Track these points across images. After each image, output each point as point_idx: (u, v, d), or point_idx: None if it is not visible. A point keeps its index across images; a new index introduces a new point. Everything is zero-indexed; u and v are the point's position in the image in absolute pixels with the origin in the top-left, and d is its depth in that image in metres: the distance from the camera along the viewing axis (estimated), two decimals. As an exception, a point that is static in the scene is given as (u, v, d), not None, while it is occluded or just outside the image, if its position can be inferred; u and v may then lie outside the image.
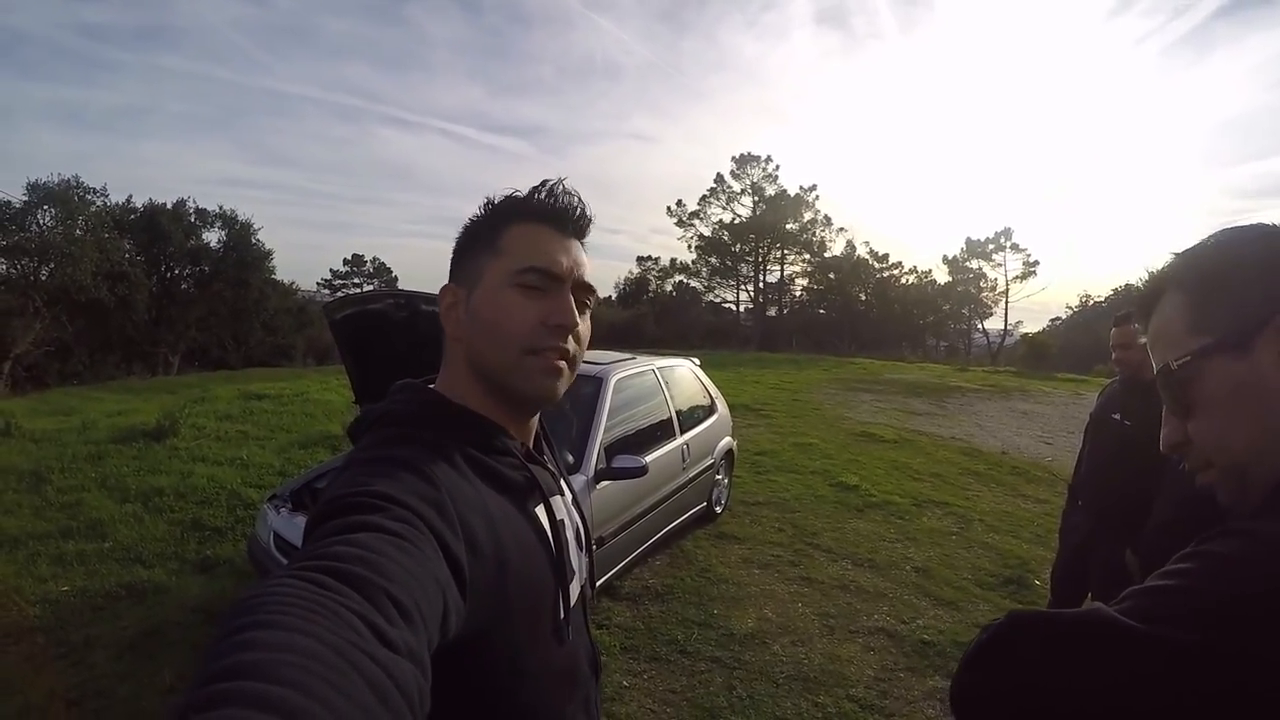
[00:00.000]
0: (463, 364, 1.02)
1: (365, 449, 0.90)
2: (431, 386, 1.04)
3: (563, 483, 1.16)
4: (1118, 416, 3.43)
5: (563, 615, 1.01)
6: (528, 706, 0.96)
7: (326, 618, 0.53)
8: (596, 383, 5.01)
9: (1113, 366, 3.50)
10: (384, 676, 0.52)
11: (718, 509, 6.61)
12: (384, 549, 0.65)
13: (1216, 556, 0.65)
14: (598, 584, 4.47)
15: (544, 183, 1.03)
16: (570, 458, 4.41)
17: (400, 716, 0.51)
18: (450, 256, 1.07)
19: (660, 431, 5.57)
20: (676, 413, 5.87)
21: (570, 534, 1.10)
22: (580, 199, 1.05)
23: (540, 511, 1.01)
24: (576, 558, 1.11)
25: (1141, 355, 3.34)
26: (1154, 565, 0.72)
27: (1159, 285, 0.80)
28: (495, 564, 0.85)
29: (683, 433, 5.83)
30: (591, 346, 1.09)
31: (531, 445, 1.11)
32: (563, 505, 1.10)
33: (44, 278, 24.40)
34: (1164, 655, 0.60)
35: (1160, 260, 0.82)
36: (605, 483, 4.42)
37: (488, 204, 1.04)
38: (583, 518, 1.20)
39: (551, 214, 1.03)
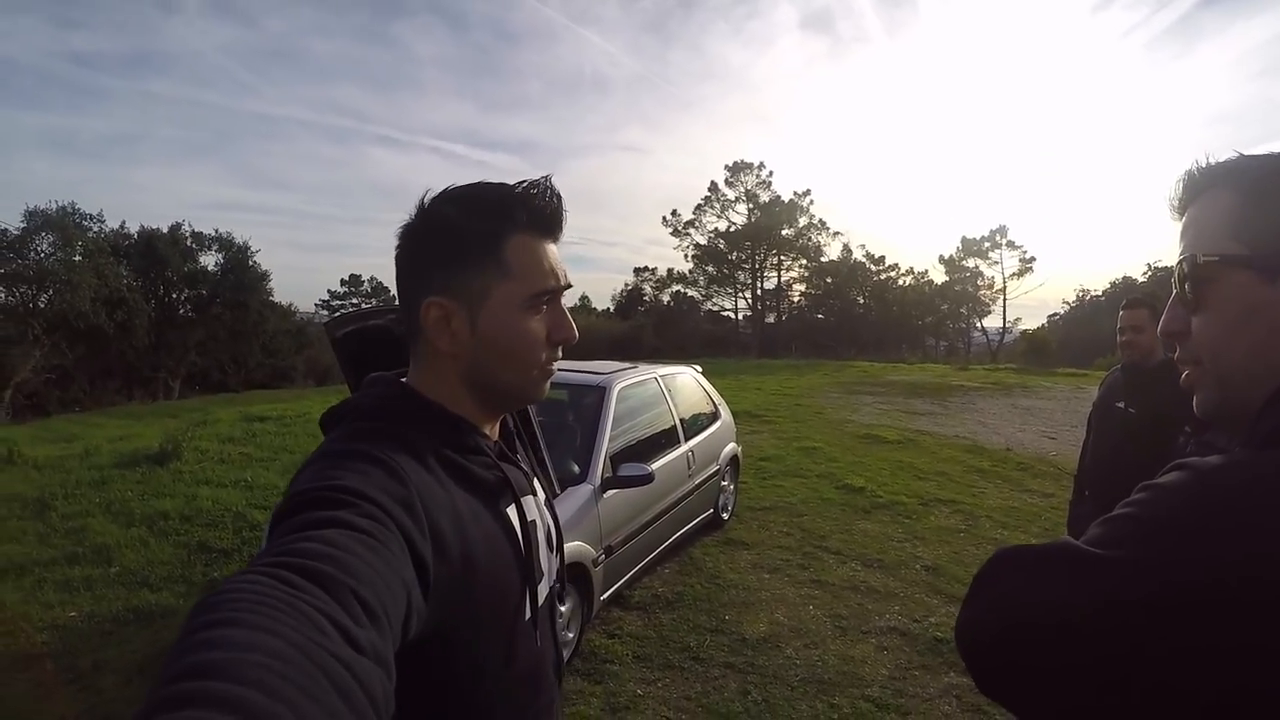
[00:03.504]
0: (453, 376, 1.00)
1: (336, 442, 0.89)
2: (404, 381, 1.02)
3: (535, 483, 1.16)
4: (1121, 404, 3.40)
5: (529, 616, 1.01)
6: (491, 707, 0.96)
7: (293, 617, 0.53)
8: (599, 392, 5.00)
9: (1120, 350, 3.42)
10: (349, 677, 0.51)
11: (724, 515, 6.59)
12: (352, 547, 0.65)
13: (1160, 486, 0.70)
14: (607, 594, 4.46)
15: (535, 185, 0.99)
16: (576, 468, 4.40)
17: (365, 718, 0.51)
18: (413, 256, 1.00)
19: (665, 439, 5.55)
20: (680, 420, 5.85)
21: (541, 534, 1.10)
22: (561, 197, 1.02)
23: (511, 511, 1.01)
24: (546, 559, 1.11)
25: (1152, 340, 3.30)
26: None
27: (1211, 178, 0.78)
28: (461, 564, 0.85)
29: (687, 440, 5.81)
30: (591, 358, 1.11)
31: (503, 443, 1.11)
32: (534, 505, 1.10)
33: (42, 305, 24.43)
34: (1106, 572, 0.66)
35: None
36: (612, 491, 4.41)
37: (477, 206, 0.98)
38: (554, 518, 1.20)
39: (548, 223, 1.01)
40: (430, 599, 0.76)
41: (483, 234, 0.97)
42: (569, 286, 1.05)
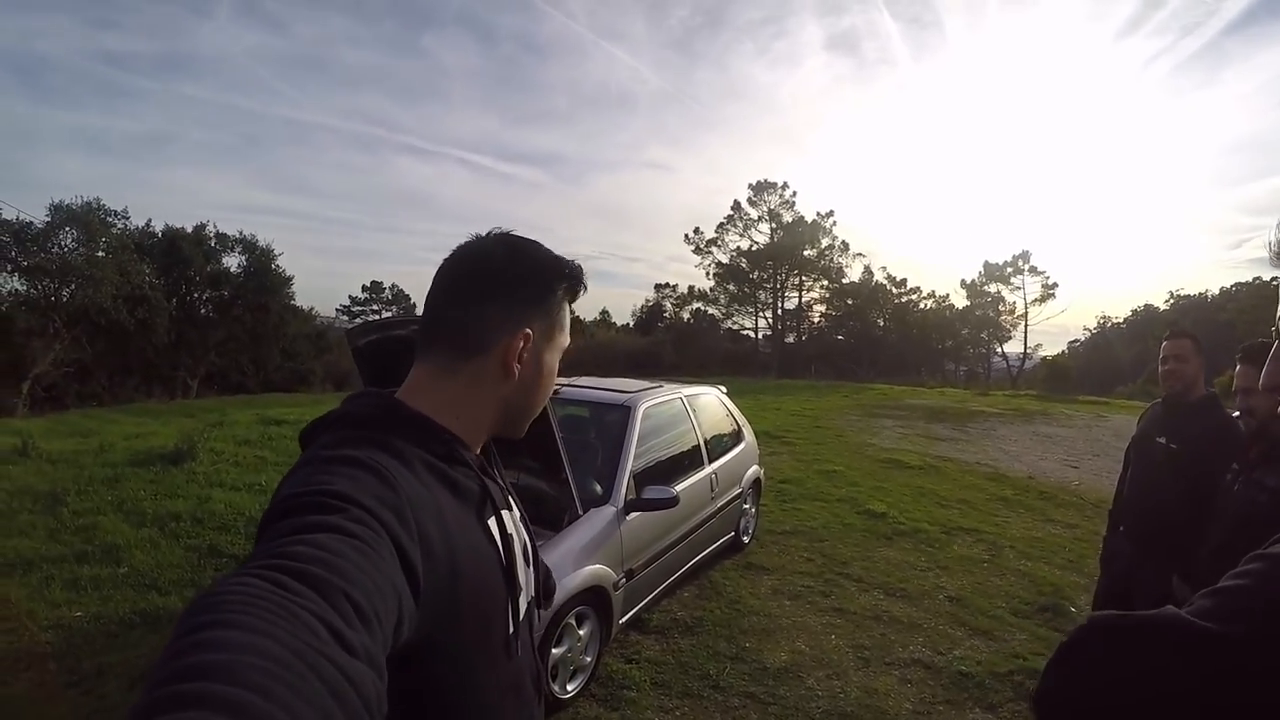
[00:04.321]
0: (496, 396, 1.06)
1: (326, 447, 0.89)
2: (395, 395, 1.04)
3: (511, 499, 1.19)
4: (1163, 440, 3.29)
5: (512, 629, 1.03)
6: (469, 717, 0.97)
7: (287, 619, 0.54)
8: (625, 411, 4.89)
9: (1161, 381, 3.33)
10: (343, 681, 0.52)
11: (745, 539, 6.46)
12: (343, 551, 0.66)
13: (1277, 558, 0.67)
14: (626, 618, 4.35)
15: (579, 266, 1.15)
16: (599, 488, 4.29)
17: None
18: (502, 286, 1.07)
19: (689, 461, 5.43)
20: (704, 441, 5.73)
21: (518, 549, 1.12)
22: None
23: (492, 523, 1.03)
24: (524, 573, 1.14)
25: (1195, 371, 3.21)
26: None
27: None
28: (449, 571, 0.86)
29: (711, 462, 5.69)
30: (610, 373, 1.11)
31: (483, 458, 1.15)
32: (510, 520, 1.12)
33: (64, 299, 24.58)
34: (1221, 649, 0.63)
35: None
36: (635, 514, 4.29)
37: (554, 263, 1.11)
38: (530, 535, 1.23)
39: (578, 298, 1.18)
40: (420, 605, 0.77)
41: (559, 289, 1.11)
42: None
